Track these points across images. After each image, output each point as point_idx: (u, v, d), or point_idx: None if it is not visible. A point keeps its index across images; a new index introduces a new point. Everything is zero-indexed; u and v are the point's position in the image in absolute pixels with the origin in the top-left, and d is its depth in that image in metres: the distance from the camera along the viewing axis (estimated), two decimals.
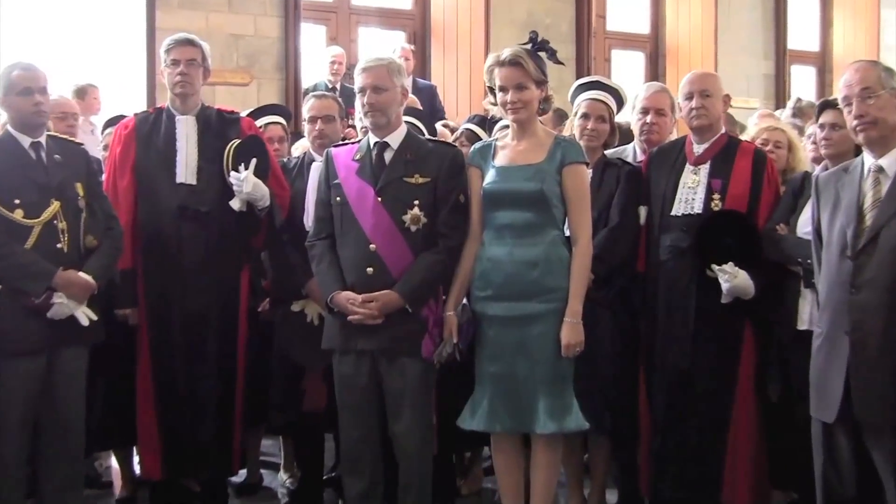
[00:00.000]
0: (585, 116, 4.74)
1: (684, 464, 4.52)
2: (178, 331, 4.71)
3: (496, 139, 4.37)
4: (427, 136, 4.91)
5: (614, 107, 4.80)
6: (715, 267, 4.36)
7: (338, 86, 8.98)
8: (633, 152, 5.22)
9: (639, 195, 4.67)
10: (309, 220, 4.66)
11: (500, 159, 4.21)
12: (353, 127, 5.83)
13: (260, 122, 5.43)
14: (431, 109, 8.92)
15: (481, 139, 5.10)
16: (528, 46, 4.20)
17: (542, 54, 4.22)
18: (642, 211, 4.65)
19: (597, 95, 4.77)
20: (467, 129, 5.59)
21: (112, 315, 4.69)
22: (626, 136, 5.36)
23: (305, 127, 5.12)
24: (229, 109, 5.04)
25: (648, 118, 5.04)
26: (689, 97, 4.62)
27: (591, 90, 4.81)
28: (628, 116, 5.31)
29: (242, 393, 4.88)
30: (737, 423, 4.51)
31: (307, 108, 5.07)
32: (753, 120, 6.98)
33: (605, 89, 4.83)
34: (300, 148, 5.59)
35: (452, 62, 10.29)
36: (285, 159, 5.28)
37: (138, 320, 4.78)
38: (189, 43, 4.83)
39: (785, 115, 7.64)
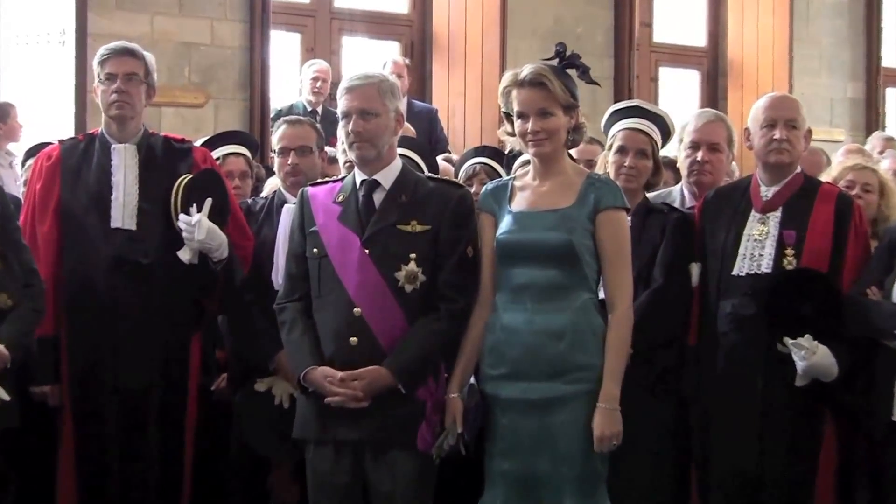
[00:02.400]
0: (622, 150, 4.80)
1: None
2: (110, 414, 4.72)
3: (513, 178, 4.41)
4: (427, 172, 4.96)
5: (658, 139, 4.85)
6: (788, 341, 4.38)
7: (319, 109, 9.06)
8: (679, 195, 5.27)
9: (690, 249, 4.72)
10: (278, 276, 4.70)
11: (519, 203, 4.25)
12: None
13: (217, 153, 5.47)
14: (431, 139, 8.98)
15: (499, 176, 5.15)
16: (555, 62, 4.26)
17: (572, 72, 4.28)
18: (695, 269, 4.69)
19: (637, 124, 4.83)
20: (481, 163, 5.61)
21: (28, 393, 4.71)
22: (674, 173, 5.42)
23: (275, 160, 5.16)
24: (179, 137, 5.09)
25: (699, 155, 5.09)
26: (771, 125, 4.64)
27: (631, 117, 4.87)
28: (675, 150, 5.37)
29: (190, 493, 4.88)
30: None
31: (277, 136, 5.12)
32: (838, 157, 7.03)
33: (648, 116, 4.89)
34: (271, 187, 5.63)
35: (459, 80, 10.35)
36: (249, 200, 5.33)
37: (60, 400, 4.79)
38: (129, 53, 4.88)
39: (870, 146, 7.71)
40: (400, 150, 4.56)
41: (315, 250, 4.32)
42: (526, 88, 4.17)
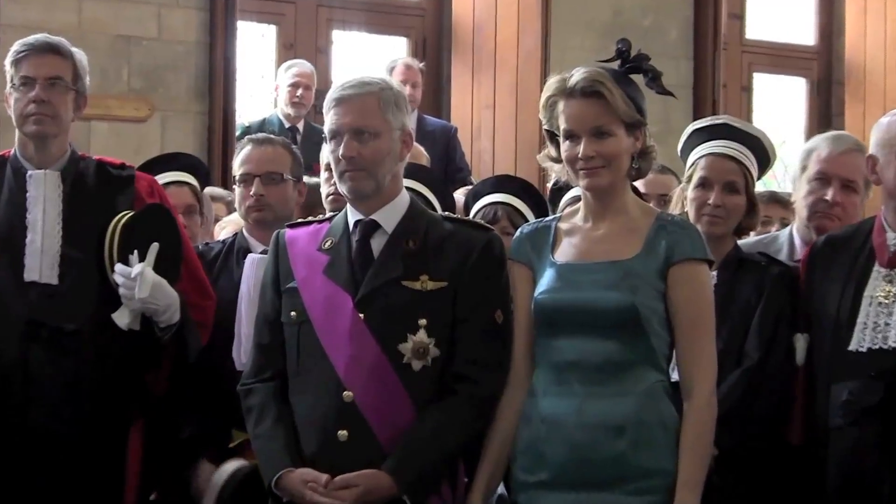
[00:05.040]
0: (705, 183, 4.81)
1: None
2: None
3: (557, 218, 4.43)
4: (441, 210, 4.97)
5: (754, 167, 4.87)
6: None
7: (300, 125, 9.09)
8: (787, 243, 5.27)
9: (794, 316, 4.73)
10: (241, 352, 4.71)
11: (565, 252, 4.27)
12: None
13: (160, 181, 5.48)
14: (448, 167, 9.01)
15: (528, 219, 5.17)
16: (615, 65, 4.29)
17: (638, 78, 4.31)
18: (800, 342, 4.69)
19: (725, 149, 4.86)
20: (501, 204, 5.52)
21: None
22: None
23: (236, 191, 5.19)
24: (118, 161, 5.10)
25: (829, 193, 5.09)
26: None
27: (717, 139, 4.90)
28: (784, 183, 5.37)
29: None
30: None
31: (240, 159, 5.16)
32: None
33: (740, 138, 4.91)
34: (231, 226, 5.64)
35: (487, 89, 10.40)
36: (200, 245, 5.35)
37: None
38: (52, 50, 4.88)
39: None
40: (406, 182, 4.58)
41: (293, 314, 4.34)
42: (577, 99, 4.18)
